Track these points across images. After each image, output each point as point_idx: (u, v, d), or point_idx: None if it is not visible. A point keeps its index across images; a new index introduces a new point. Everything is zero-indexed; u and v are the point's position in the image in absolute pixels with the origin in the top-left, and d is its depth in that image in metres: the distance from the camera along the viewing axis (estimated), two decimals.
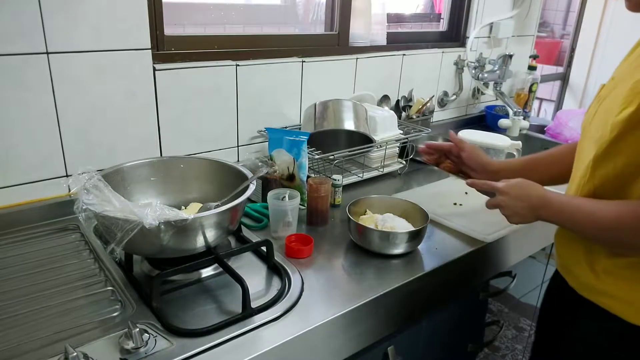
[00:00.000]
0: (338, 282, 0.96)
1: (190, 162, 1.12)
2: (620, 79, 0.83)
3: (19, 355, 0.72)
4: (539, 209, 0.90)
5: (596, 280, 0.86)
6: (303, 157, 1.21)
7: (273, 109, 1.50)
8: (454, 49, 2.04)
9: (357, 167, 1.48)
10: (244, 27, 1.56)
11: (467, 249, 1.10)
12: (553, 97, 3.36)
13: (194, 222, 0.84)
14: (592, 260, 0.87)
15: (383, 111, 1.55)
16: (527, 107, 2.31)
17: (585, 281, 0.89)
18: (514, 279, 1.34)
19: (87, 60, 1.11)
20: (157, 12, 1.22)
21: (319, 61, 1.56)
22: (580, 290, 0.90)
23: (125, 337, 0.74)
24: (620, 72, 0.87)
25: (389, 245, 1.04)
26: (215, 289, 0.92)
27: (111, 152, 1.20)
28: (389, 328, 1.01)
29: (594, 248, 0.87)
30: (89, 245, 1.03)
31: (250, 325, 0.80)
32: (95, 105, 1.15)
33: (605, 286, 0.85)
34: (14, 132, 1.06)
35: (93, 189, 0.85)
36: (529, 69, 2.30)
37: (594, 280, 0.87)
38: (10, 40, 1.00)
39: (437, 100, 2.05)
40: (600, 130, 0.82)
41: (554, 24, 3.63)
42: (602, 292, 0.86)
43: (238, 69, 1.37)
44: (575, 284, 0.92)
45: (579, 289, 0.91)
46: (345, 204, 1.13)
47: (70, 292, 0.87)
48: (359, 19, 1.68)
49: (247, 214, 1.20)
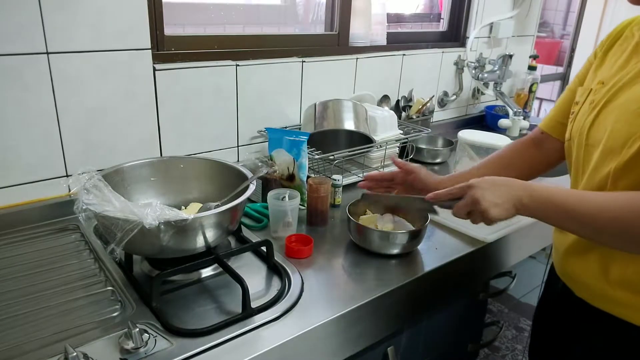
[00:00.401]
0: (338, 282, 0.96)
1: (190, 162, 1.12)
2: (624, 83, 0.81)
3: (19, 355, 0.72)
4: (521, 196, 0.80)
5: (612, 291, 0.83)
6: (303, 157, 1.21)
7: (273, 109, 1.50)
8: (454, 49, 2.04)
9: (357, 167, 1.48)
10: (244, 27, 1.56)
11: (467, 249, 1.10)
12: (553, 97, 3.36)
13: (194, 222, 0.84)
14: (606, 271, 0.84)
15: (383, 111, 1.55)
16: (527, 107, 2.31)
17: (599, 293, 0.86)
18: (514, 279, 1.34)
19: (87, 60, 1.11)
20: (157, 12, 1.22)
21: (319, 61, 1.56)
22: (593, 301, 0.88)
23: (125, 337, 0.74)
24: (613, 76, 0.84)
25: (389, 245, 1.04)
26: (215, 289, 0.92)
27: (111, 152, 1.20)
28: (389, 328, 1.01)
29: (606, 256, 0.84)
30: (89, 245, 1.03)
31: (250, 325, 0.80)
32: (95, 105, 1.15)
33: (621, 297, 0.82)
34: (14, 132, 1.06)
35: (93, 189, 0.85)
36: (529, 69, 2.30)
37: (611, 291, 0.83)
38: (10, 40, 1.00)
39: (437, 100, 2.05)
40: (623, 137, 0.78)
41: (554, 24, 3.63)
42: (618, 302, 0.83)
43: (238, 69, 1.37)
44: (586, 295, 0.89)
45: (591, 299, 0.88)
46: (345, 204, 1.13)
47: (70, 292, 0.87)
48: (359, 19, 1.68)
49: (247, 214, 1.20)
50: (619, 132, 0.79)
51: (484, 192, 0.82)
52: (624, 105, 0.80)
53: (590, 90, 0.88)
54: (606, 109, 0.83)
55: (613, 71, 0.86)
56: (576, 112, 0.90)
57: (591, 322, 0.89)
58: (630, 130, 0.77)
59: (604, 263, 0.84)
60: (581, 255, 0.89)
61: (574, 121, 0.90)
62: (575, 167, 0.91)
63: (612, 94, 0.83)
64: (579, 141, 0.88)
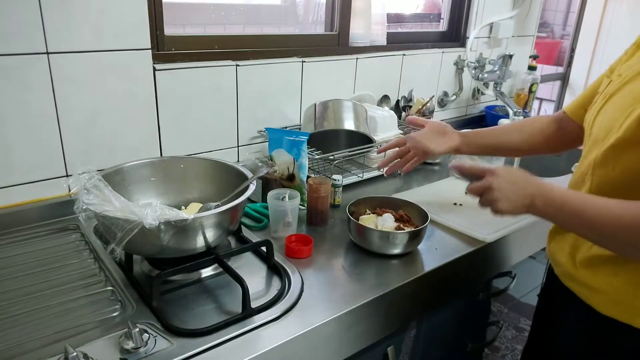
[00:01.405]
0: (338, 282, 0.96)
1: (190, 162, 1.12)
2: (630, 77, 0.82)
3: (19, 355, 0.72)
4: (535, 198, 0.82)
5: (575, 270, 0.87)
6: (303, 157, 1.21)
7: (273, 109, 1.50)
8: (454, 49, 2.04)
9: (357, 167, 1.48)
10: (244, 27, 1.56)
11: (467, 249, 1.10)
12: (553, 97, 3.36)
13: (194, 222, 0.84)
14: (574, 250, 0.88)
15: (383, 111, 1.55)
16: (527, 107, 2.31)
17: (567, 271, 0.90)
18: (514, 279, 1.34)
19: (87, 60, 1.11)
20: (157, 12, 1.22)
21: (319, 61, 1.56)
22: (563, 279, 0.92)
23: (125, 337, 0.74)
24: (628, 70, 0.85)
25: (389, 245, 1.04)
26: (215, 289, 0.92)
27: (111, 152, 1.20)
28: (389, 328, 1.01)
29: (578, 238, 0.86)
30: (89, 245, 1.03)
31: (250, 325, 0.80)
32: (95, 105, 1.15)
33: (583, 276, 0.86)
34: (14, 132, 1.06)
35: (93, 189, 0.85)
36: (529, 69, 2.30)
37: (574, 269, 0.88)
38: (10, 40, 1.00)
39: (437, 101, 2.05)
40: (606, 128, 0.81)
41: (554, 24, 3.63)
42: (581, 282, 0.87)
43: (238, 69, 1.37)
44: (559, 272, 0.93)
45: (561, 277, 0.92)
46: (345, 204, 1.13)
47: (70, 292, 0.87)
48: (359, 19, 1.68)
49: (247, 214, 1.20)
50: (606, 123, 0.81)
51: (502, 183, 0.84)
52: (621, 97, 0.82)
53: (610, 82, 0.89)
54: (610, 100, 0.84)
55: (634, 64, 0.86)
56: (593, 102, 0.92)
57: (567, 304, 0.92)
58: (615, 122, 0.79)
59: (574, 244, 0.88)
60: (559, 235, 0.93)
61: (590, 110, 0.92)
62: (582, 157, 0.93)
63: (620, 86, 0.84)
64: (586, 130, 0.91)
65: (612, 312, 0.82)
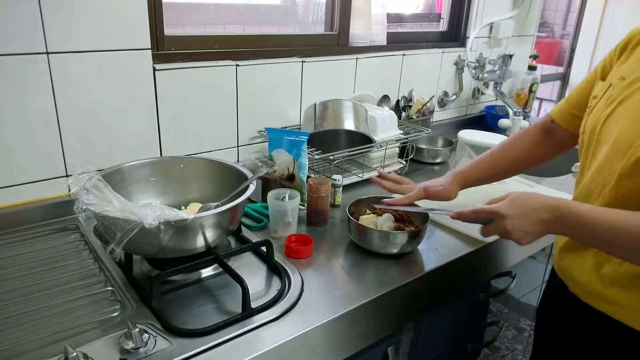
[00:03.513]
0: (338, 282, 0.96)
1: (190, 162, 1.12)
2: None
3: (19, 355, 0.72)
4: (549, 220, 0.80)
5: (604, 288, 0.83)
6: (303, 157, 1.21)
7: (273, 109, 1.50)
8: (454, 49, 2.04)
9: (357, 167, 1.48)
10: (244, 27, 1.56)
11: (467, 249, 1.10)
12: (553, 97, 3.36)
13: (194, 222, 0.84)
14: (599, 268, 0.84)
15: (383, 111, 1.55)
16: (527, 107, 2.31)
17: (591, 290, 0.86)
18: (514, 279, 1.34)
19: (87, 60, 1.11)
20: (157, 12, 1.22)
21: (319, 61, 1.56)
22: (585, 298, 0.88)
23: (125, 337, 0.74)
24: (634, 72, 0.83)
25: (389, 245, 1.04)
26: (215, 289, 0.92)
27: (111, 152, 1.20)
28: (389, 328, 1.01)
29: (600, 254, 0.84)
30: (89, 245, 1.03)
31: (250, 325, 0.80)
32: (95, 105, 1.15)
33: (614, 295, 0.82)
34: (14, 132, 1.06)
35: (93, 189, 0.85)
36: (529, 69, 2.30)
37: (602, 288, 0.84)
38: (10, 40, 1.00)
39: (437, 100, 2.05)
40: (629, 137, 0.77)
41: (554, 24, 3.63)
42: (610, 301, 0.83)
43: (238, 69, 1.37)
44: (579, 291, 0.90)
45: (583, 296, 0.89)
46: (345, 204, 1.13)
47: (70, 292, 0.87)
48: (359, 19, 1.68)
49: (247, 214, 1.20)
50: (628, 131, 0.78)
51: (513, 222, 0.81)
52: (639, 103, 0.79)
53: (610, 85, 0.87)
54: (622, 105, 0.82)
55: (636, 67, 0.84)
56: (592, 107, 0.89)
57: (584, 320, 0.90)
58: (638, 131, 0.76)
59: (597, 260, 0.85)
60: (576, 252, 0.89)
61: (589, 115, 0.89)
62: (583, 161, 0.91)
63: (632, 91, 0.81)
64: (591, 136, 0.87)
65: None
